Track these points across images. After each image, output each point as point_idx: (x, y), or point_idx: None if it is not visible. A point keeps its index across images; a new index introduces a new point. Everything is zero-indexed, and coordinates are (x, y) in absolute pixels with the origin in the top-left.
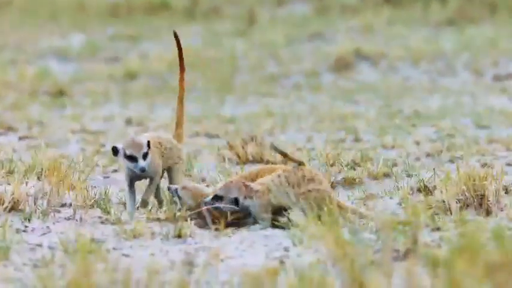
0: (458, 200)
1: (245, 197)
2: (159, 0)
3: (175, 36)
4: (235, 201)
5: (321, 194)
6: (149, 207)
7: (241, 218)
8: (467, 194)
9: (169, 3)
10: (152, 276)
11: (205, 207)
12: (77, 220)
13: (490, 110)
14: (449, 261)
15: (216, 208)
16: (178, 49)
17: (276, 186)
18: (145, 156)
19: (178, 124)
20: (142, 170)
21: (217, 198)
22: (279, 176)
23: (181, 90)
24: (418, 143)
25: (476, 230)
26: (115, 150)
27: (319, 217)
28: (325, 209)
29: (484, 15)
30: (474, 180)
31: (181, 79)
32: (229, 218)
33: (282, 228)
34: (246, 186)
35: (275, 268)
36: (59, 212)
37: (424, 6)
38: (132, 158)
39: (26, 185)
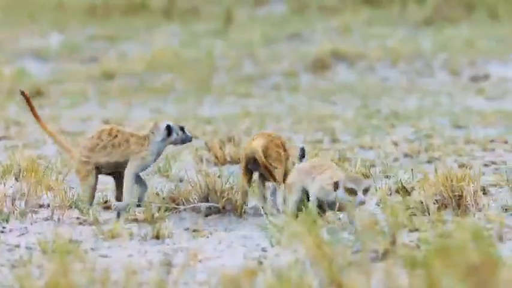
0: (436, 201)
1: None
2: (137, 1)
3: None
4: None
5: None
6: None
7: None
8: (445, 194)
9: (147, 4)
10: (130, 276)
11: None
12: (54, 221)
13: (467, 111)
14: (428, 261)
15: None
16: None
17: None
18: None
19: None
20: None
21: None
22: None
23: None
24: (396, 144)
25: (455, 230)
26: (169, 129)
27: (297, 217)
28: (304, 209)
29: (461, 15)
30: (452, 181)
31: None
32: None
33: (261, 228)
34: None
35: (253, 268)
36: (36, 212)
37: (401, 6)
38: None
39: (4, 185)
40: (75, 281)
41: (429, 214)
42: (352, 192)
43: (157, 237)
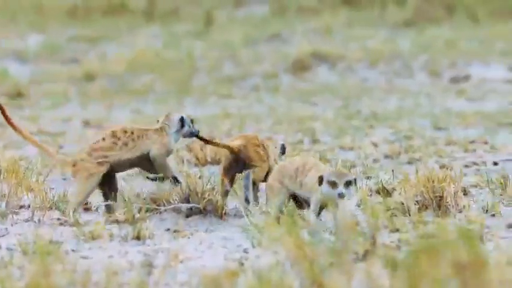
0: (417, 202)
1: None
2: (117, 2)
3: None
4: (355, 181)
5: None
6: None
7: None
8: (425, 195)
9: (128, 5)
10: (111, 277)
11: None
12: (35, 222)
13: (448, 112)
14: (409, 262)
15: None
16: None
17: None
18: None
19: None
20: None
21: (349, 183)
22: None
23: None
24: (376, 145)
25: (439, 230)
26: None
27: (278, 219)
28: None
29: (441, 16)
30: (433, 182)
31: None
32: None
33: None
34: None
35: (234, 269)
36: (17, 213)
37: (381, 7)
38: None
39: None
40: (56, 282)
41: (410, 215)
42: (334, 185)
43: (138, 238)
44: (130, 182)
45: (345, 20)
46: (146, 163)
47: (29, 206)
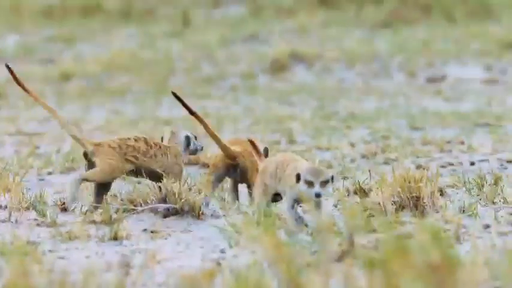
0: (394, 202)
1: None
2: (93, 2)
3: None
4: (332, 179)
5: None
6: (85, 209)
7: None
8: (402, 195)
9: (104, 5)
10: (89, 278)
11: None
12: (12, 222)
13: (424, 112)
14: (386, 262)
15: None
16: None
17: None
18: None
19: None
20: None
21: (325, 182)
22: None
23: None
24: (353, 145)
25: (414, 231)
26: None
27: (256, 221)
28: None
29: (418, 17)
30: (409, 182)
31: None
32: None
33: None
34: None
35: (212, 270)
36: None
37: (358, 8)
38: None
39: None
40: (33, 283)
41: (387, 215)
42: (310, 184)
43: (115, 238)
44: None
45: (321, 20)
46: (154, 177)
47: (5, 207)
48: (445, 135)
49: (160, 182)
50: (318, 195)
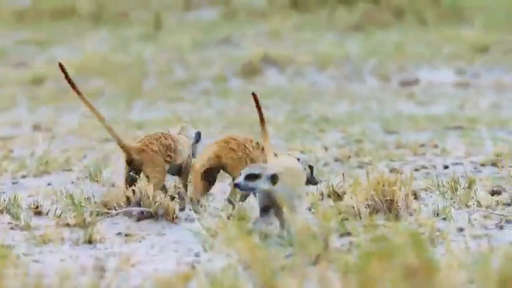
0: (368, 205)
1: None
2: (66, 6)
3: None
4: (273, 178)
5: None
6: (59, 212)
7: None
8: (376, 199)
9: (76, 9)
10: (63, 281)
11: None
12: None
13: (398, 115)
14: (360, 265)
15: (250, 189)
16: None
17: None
18: None
19: None
20: None
21: (251, 177)
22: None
23: None
24: (326, 148)
25: (391, 234)
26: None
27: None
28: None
29: (390, 20)
30: (383, 186)
31: None
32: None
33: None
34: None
35: (187, 273)
36: None
37: (330, 11)
38: None
39: None
40: (8, 286)
41: (361, 218)
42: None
43: (89, 241)
44: (81, 186)
45: (294, 23)
46: (178, 172)
47: None
48: (418, 138)
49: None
50: (235, 185)
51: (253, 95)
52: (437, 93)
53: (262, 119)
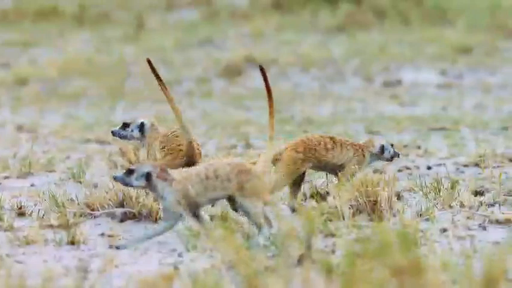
0: (351, 206)
1: (158, 177)
2: (48, 7)
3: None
4: (147, 176)
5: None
6: (42, 213)
7: None
8: (360, 200)
9: (59, 10)
10: (46, 282)
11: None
12: None
13: (380, 116)
14: (345, 266)
15: (126, 184)
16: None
17: (199, 179)
18: None
19: None
20: None
21: (129, 172)
22: (206, 168)
23: None
24: None
25: (376, 234)
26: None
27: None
28: (219, 214)
29: (373, 21)
30: (367, 186)
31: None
32: None
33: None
34: (163, 168)
35: (170, 273)
36: None
37: (313, 12)
38: None
39: None
40: None
41: (344, 219)
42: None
43: (72, 243)
44: (64, 187)
45: (276, 24)
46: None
47: None
48: (401, 139)
49: None
50: (113, 178)
51: (261, 69)
52: (420, 94)
53: (269, 95)
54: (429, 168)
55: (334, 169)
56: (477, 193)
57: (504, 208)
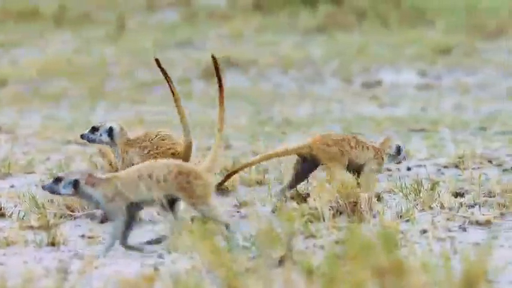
0: (332, 208)
1: (87, 183)
2: (28, 7)
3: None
4: (74, 183)
5: (196, 189)
6: (22, 214)
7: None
8: (340, 201)
9: (39, 10)
10: (27, 283)
11: None
12: None
13: (360, 117)
14: (326, 267)
15: (54, 192)
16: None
17: (131, 179)
18: None
19: None
20: None
21: (57, 180)
22: (141, 168)
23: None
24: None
25: (355, 236)
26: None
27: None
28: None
29: (352, 22)
30: (347, 188)
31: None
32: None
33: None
34: (91, 174)
35: (150, 275)
36: None
37: (293, 13)
38: None
39: None
40: None
41: (324, 221)
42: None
43: (52, 244)
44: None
45: (256, 25)
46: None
47: None
48: (381, 140)
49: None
50: (42, 187)
51: (213, 57)
52: (400, 95)
53: (221, 86)
54: (409, 169)
55: (355, 169)
56: (457, 194)
57: (484, 209)
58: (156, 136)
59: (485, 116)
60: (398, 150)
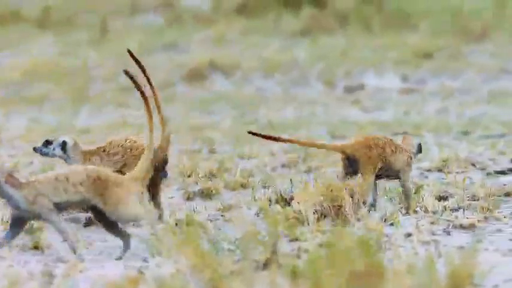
0: (316, 211)
1: (6, 182)
2: (10, 11)
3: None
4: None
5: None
6: (6, 218)
7: None
8: (324, 204)
9: (22, 14)
10: (12, 287)
11: None
12: None
13: (343, 121)
14: (310, 270)
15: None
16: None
17: (48, 180)
18: None
19: None
20: None
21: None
22: (60, 171)
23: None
24: (273, 154)
25: (338, 239)
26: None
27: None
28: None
29: (336, 26)
30: (331, 191)
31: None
32: None
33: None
34: (11, 174)
35: (135, 278)
36: None
37: (277, 16)
38: None
39: None
40: None
41: (309, 224)
42: None
43: (36, 247)
44: None
45: (240, 29)
46: None
47: None
48: None
49: None
50: None
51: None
52: (383, 99)
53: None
54: None
55: (390, 175)
56: (441, 198)
57: (468, 213)
58: (126, 141)
59: (468, 120)
60: (420, 148)
